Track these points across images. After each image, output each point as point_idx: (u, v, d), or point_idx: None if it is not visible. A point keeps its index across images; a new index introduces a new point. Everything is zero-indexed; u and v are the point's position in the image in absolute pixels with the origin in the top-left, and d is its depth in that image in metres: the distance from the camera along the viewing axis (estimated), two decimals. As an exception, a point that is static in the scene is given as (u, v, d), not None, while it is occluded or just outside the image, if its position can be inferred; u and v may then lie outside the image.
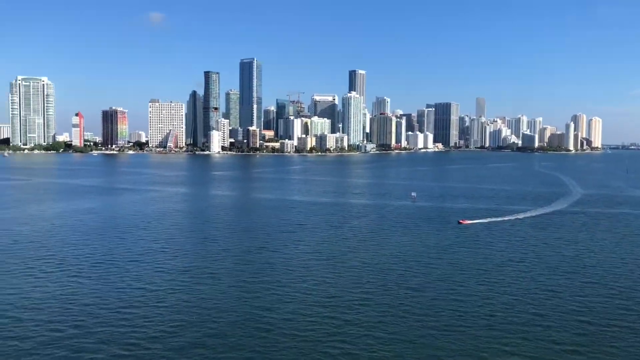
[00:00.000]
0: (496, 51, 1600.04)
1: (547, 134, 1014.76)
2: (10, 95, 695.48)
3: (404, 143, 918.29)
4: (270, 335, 50.93)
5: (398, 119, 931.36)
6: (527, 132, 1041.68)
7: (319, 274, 72.80)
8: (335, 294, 63.53)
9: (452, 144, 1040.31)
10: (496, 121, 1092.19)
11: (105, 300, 60.34)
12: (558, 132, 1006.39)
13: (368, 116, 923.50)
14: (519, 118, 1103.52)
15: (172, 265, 77.61)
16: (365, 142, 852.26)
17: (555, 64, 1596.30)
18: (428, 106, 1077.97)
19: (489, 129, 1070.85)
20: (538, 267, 78.20)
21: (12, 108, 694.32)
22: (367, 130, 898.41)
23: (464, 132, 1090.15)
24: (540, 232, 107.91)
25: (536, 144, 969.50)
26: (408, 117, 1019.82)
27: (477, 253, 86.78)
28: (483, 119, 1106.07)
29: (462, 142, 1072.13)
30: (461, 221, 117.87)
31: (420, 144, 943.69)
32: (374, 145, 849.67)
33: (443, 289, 66.02)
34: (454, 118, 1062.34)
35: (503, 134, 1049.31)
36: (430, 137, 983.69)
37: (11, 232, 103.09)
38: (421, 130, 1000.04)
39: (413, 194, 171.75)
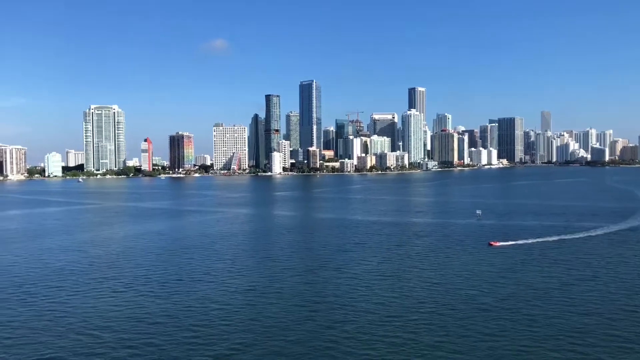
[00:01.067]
0: (561, 63, 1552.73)
1: (619, 146, 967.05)
2: (84, 123, 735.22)
3: (466, 160, 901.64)
4: (334, 352, 50.88)
5: (460, 136, 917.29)
6: (597, 145, 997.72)
7: (381, 293, 72.20)
8: (398, 314, 62.76)
9: (517, 159, 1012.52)
10: (563, 135, 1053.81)
11: (175, 319, 62.19)
12: (631, 145, 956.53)
13: (429, 133, 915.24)
14: (588, 131, 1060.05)
15: (237, 284, 79.11)
16: (426, 159, 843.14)
17: (626, 74, 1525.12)
18: (491, 121, 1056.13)
19: (556, 143, 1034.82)
20: (615, 286, 74.31)
21: (85, 136, 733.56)
22: (428, 147, 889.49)
23: (529, 147, 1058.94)
24: (616, 249, 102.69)
25: (607, 158, 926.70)
26: (470, 133, 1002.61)
27: (548, 270, 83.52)
28: (549, 133, 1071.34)
29: (527, 157, 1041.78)
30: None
31: (484, 161, 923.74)
32: (436, 163, 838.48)
33: (511, 309, 63.86)
34: (519, 133, 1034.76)
35: (571, 148, 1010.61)
36: (494, 153, 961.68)
37: (86, 254, 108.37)
38: (484, 147, 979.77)
39: (478, 211, 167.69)
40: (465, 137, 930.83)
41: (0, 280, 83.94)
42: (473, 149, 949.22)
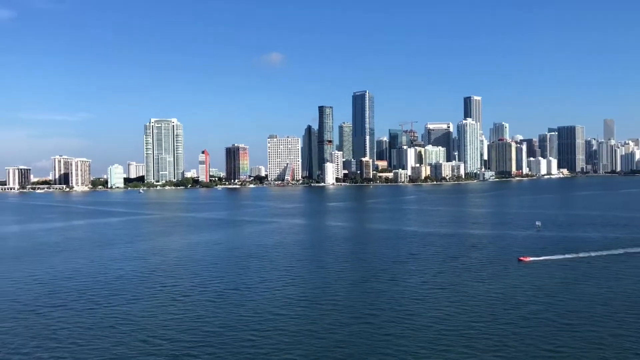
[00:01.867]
0: (625, 68, 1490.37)
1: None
2: (144, 136, 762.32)
3: (525, 170, 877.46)
4: (389, 367, 50.09)
5: (518, 145, 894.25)
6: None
7: (436, 306, 70.66)
8: (454, 327, 61.17)
9: (578, 169, 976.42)
10: (628, 143, 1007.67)
11: (231, 327, 62.91)
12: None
13: (485, 143, 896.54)
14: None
15: (291, 294, 79.31)
16: (483, 169, 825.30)
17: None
18: (550, 130, 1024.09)
19: (620, 152, 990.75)
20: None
21: (146, 148, 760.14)
22: (485, 157, 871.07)
23: (592, 156, 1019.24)
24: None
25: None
26: (529, 142, 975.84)
27: (611, 285, 79.60)
28: (612, 142, 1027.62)
29: (589, 167, 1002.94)
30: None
31: (543, 170, 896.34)
32: (493, 173, 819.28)
33: (572, 325, 61.12)
34: (580, 142, 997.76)
35: (637, 157, 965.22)
36: (554, 162, 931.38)
37: (146, 263, 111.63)
38: (543, 156, 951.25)
39: (537, 223, 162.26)
40: (524, 147, 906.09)
41: (66, 286, 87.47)
42: (532, 158, 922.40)
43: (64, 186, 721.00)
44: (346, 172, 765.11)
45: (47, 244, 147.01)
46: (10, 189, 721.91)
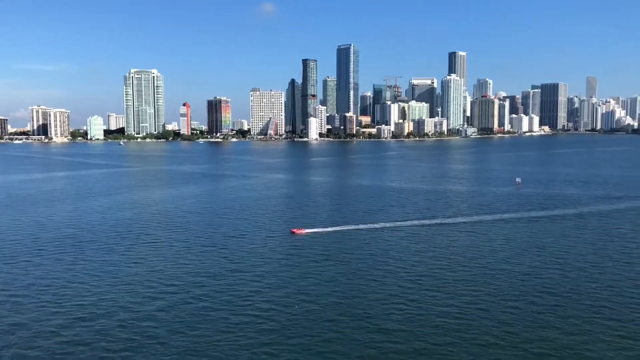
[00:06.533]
0: (609, 26, 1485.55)
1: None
2: (124, 87, 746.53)
3: (507, 127, 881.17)
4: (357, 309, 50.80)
5: (501, 102, 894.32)
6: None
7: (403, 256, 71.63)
8: (422, 272, 62.23)
9: (559, 127, 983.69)
10: (609, 102, 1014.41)
11: (211, 275, 63.17)
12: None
13: (469, 99, 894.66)
14: (636, 98, 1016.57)
15: (270, 245, 79.68)
16: (465, 126, 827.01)
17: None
18: (533, 87, 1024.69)
19: (601, 110, 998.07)
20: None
21: (126, 99, 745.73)
22: (468, 113, 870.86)
23: (573, 114, 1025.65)
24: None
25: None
26: (512, 99, 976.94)
27: (591, 240, 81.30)
28: (594, 100, 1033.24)
29: (570, 124, 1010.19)
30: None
31: (525, 128, 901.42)
32: (475, 130, 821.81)
33: (574, 284, 62.43)
34: (562, 99, 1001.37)
35: (617, 116, 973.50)
36: (536, 120, 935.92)
37: (125, 215, 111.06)
38: (526, 113, 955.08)
39: (518, 179, 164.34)
40: (507, 103, 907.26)
41: (45, 237, 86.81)
42: (514, 115, 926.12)
43: (43, 137, 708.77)
44: (330, 127, 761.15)
45: (26, 196, 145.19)
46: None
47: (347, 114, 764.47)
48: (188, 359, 42.20)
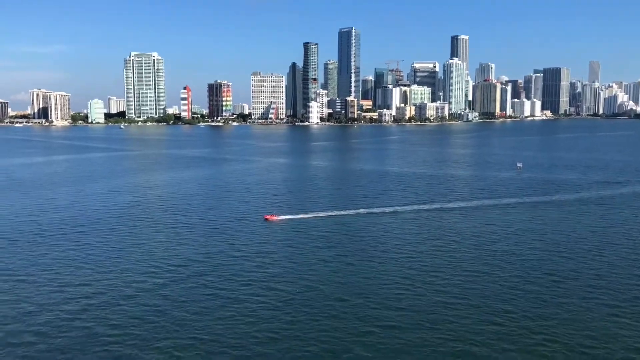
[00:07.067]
0: (612, 10, 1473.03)
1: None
2: (125, 70, 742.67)
3: (509, 111, 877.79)
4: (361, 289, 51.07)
5: (503, 86, 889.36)
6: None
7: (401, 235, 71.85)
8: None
9: (561, 111, 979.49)
10: (612, 86, 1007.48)
11: (208, 254, 63.45)
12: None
13: (471, 83, 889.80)
14: (639, 82, 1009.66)
15: (271, 228, 79.90)
16: (467, 110, 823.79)
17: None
18: (536, 72, 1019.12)
19: (603, 95, 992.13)
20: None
21: (126, 83, 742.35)
22: (470, 98, 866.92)
23: (575, 98, 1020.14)
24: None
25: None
26: (514, 83, 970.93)
27: (592, 225, 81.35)
28: (597, 85, 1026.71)
29: (572, 109, 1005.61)
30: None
31: (527, 112, 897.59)
32: (477, 114, 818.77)
33: (569, 268, 62.65)
34: (564, 84, 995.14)
35: (619, 100, 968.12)
36: (538, 104, 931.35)
37: (125, 198, 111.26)
38: (528, 98, 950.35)
39: (519, 164, 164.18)
40: (509, 88, 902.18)
41: (47, 219, 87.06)
42: (516, 100, 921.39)
43: (44, 120, 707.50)
44: (331, 111, 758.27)
45: (27, 179, 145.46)
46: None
47: (348, 98, 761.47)
48: (186, 335, 42.53)
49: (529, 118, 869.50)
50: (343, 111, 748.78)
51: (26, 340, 42.64)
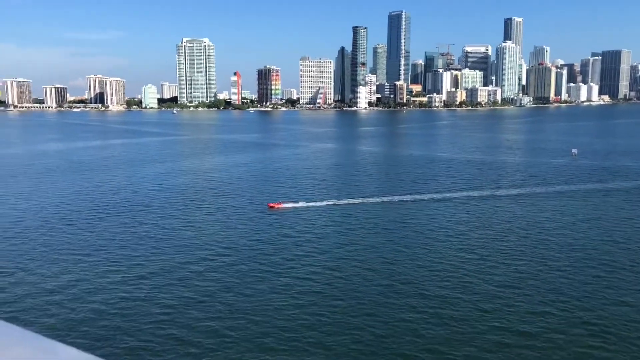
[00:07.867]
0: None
1: None
2: (177, 56, 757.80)
3: (564, 96, 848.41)
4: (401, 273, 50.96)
5: (558, 70, 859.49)
6: None
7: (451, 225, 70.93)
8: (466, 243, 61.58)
9: (620, 96, 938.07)
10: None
11: (255, 239, 64.59)
12: None
13: (524, 67, 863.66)
14: None
15: (320, 211, 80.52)
16: (520, 95, 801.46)
17: None
18: (593, 55, 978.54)
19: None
20: None
21: (178, 68, 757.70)
22: (523, 82, 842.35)
23: (636, 82, 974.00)
24: None
25: None
26: (570, 67, 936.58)
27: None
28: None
29: (632, 94, 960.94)
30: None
31: (583, 97, 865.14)
32: (530, 99, 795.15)
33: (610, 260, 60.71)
34: (625, 67, 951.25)
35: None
36: (595, 88, 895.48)
37: (178, 181, 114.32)
38: (584, 82, 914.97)
39: (574, 150, 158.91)
40: (564, 72, 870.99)
41: (103, 201, 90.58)
42: (572, 84, 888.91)
43: (100, 105, 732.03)
44: (379, 96, 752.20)
45: (85, 162, 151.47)
46: (48, 107, 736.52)
47: (397, 83, 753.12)
48: (238, 316, 43.58)
49: (585, 103, 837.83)
50: (392, 96, 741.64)
51: (85, 316, 44.65)
